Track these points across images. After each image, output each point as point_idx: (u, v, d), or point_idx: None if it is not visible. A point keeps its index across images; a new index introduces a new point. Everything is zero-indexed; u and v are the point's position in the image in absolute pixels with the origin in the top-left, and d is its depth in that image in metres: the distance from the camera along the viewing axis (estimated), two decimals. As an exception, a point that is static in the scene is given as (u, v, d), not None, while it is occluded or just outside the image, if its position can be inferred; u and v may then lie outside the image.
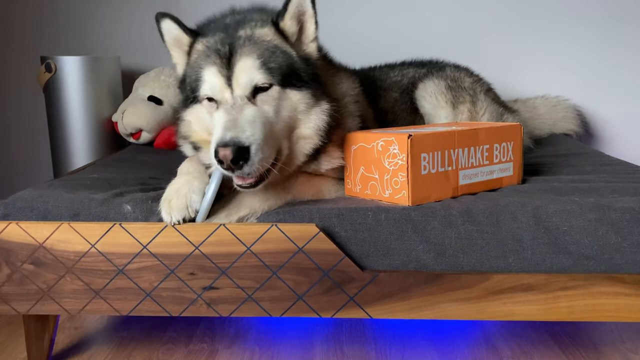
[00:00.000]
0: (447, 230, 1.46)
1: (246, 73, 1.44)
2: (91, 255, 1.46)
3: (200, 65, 1.50)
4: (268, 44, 1.49)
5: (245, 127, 1.37)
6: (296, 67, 1.51)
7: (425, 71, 2.31)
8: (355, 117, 1.69)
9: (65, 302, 1.49)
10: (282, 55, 1.49)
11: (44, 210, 1.52)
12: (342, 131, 1.63)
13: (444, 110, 2.14)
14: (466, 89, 2.22)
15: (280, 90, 1.47)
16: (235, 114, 1.41)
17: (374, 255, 1.47)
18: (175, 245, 1.45)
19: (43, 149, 2.94)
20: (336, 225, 1.47)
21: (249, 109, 1.42)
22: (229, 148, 1.33)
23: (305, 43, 1.56)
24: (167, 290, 1.47)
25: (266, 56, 1.47)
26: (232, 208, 1.49)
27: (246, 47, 1.47)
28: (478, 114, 2.18)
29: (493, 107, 2.25)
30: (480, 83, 2.36)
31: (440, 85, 2.19)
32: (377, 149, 1.55)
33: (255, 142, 1.37)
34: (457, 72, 2.33)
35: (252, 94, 1.45)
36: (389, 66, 2.41)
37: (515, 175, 1.76)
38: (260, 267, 1.45)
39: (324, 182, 1.65)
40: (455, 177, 1.59)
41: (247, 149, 1.35)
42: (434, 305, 1.46)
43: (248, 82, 1.44)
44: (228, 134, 1.35)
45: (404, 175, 1.49)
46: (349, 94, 1.70)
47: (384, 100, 2.18)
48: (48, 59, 2.63)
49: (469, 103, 2.18)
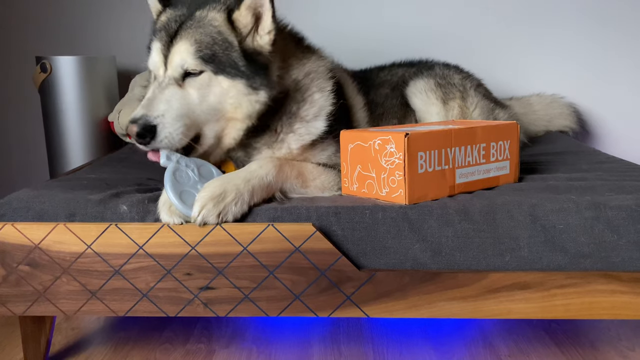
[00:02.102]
0: (444, 228, 1.46)
1: (179, 56, 1.51)
2: (87, 256, 1.45)
3: (152, 37, 1.59)
4: (212, 30, 1.53)
5: (157, 107, 1.47)
6: (234, 57, 1.53)
7: (415, 70, 2.34)
8: (324, 92, 1.69)
9: (61, 303, 1.48)
10: (222, 43, 1.53)
11: (40, 211, 1.51)
12: (306, 108, 1.65)
13: (434, 106, 2.17)
14: (456, 85, 2.25)
15: (212, 77, 1.52)
16: (158, 93, 1.50)
17: (371, 254, 1.47)
18: (172, 245, 1.44)
19: (39, 150, 2.93)
20: (333, 224, 1.47)
21: (170, 90, 1.50)
22: (136, 124, 1.44)
23: (260, 35, 1.58)
24: (163, 290, 1.47)
25: (205, 42, 1.51)
26: (217, 196, 1.44)
27: (188, 30, 1.53)
28: (469, 110, 2.20)
29: (484, 103, 2.27)
30: (470, 79, 2.37)
31: (430, 83, 2.22)
32: (374, 147, 1.55)
33: (164, 121, 1.46)
34: (446, 69, 2.35)
35: (182, 77, 1.52)
36: (379, 68, 2.46)
37: (512, 174, 1.76)
38: (257, 267, 1.45)
39: (304, 165, 1.65)
40: (452, 175, 1.59)
41: (154, 127, 1.45)
42: (431, 304, 1.46)
43: (178, 66, 1.51)
44: (141, 112, 1.46)
45: (400, 174, 1.49)
46: (313, 72, 1.71)
47: (375, 94, 2.21)
48: (43, 59, 2.61)
49: (459, 99, 2.20)
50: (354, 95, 2.02)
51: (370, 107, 2.08)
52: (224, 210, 1.44)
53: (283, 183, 1.58)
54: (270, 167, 1.56)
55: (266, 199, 1.54)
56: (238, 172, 1.55)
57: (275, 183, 1.55)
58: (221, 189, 1.46)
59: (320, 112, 1.67)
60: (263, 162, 1.57)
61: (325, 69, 1.75)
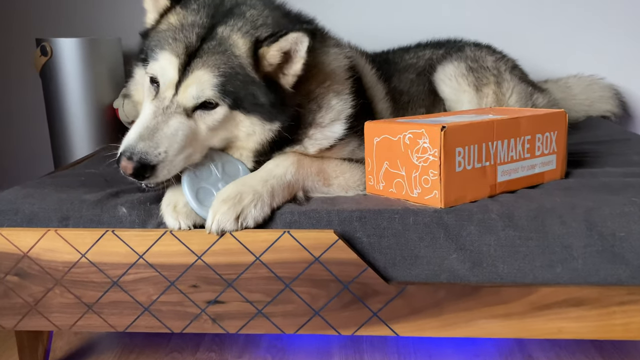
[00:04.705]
0: (485, 236, 1.28)
1: (199, 87, 1.30)
2: (81, 265, 1.30)
3: (163, 44, 1.34)
4: (234, 61, 1.32)
5: (160, 142, 1.26)
6: (254, 92, 1.34)
7: (443, 52, 2.12)
8: (342, 96, 1.50)
9: (54, 317, 1.33)
10: (244, 77, 1.32)
11: (30, 213, 1.36)
12: (322, 115, 1.46)
13: (466, 94, 1.96)
14: (489, 68, 2.03)
15: (227, 111, 1.34)
16: (161, 120, 1.28)
17: (401, 265, 1.29)
18: (175, 254, 1.28)
19: (43, 138, 2.78)
20: (357, 230, 1.29)
21: (176, 121, 1.30)
22: (131, 163, 1.24)
23: (285, 74, 1.38)
24: (167, 304, 1.31)
25: (227, 74, 1.31)
26: (232, 198, 1.28)
27: (211, 56, 1.31)
28: (505, 96, 1.99)
29: (521, 87, 2.05)
30: (505, 61, 2.15)
31: (461, 67, 2.00)
32: (404, 141, 1.35)
33: (165, 160, 1.26)
34: (477, 51, 2.13)
35: (194, 108, 1.32)
36: (403, 49, 2.23)
37: (559, 169, 1.56)
38: (272, 278, 1.28)
39: (325, 160, 1.48)
40: (493, 173, 1.40)
41: (153, 166, 1.25)
42: (469, 322, 1.28)
43: (195, 97, 1.30)
44: (140, 145, 1.25)
45: (435, 172, 1.30)
46: (329, 79, 1.50)
47: (399, 80, 2.00)
48: (43, 41, 2.45)
49: (493, 84, 1.99)
50: (373, 85, 1.82)
51: (393, 95, 1.87)
52: (243, 213, 1.27)
53: (304, 181, 1.41)
54: (288, 164, 1.38)
55: (288, 199, 1.37)
56: (253, 173, 1.38)
57: (295, 182, 1.38)
58: (236, 191, 1.29)
59: (339, 116, 1.48)
60: (280, 160, 1.39)
61: (342, 69, 1.54)
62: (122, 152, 1.26)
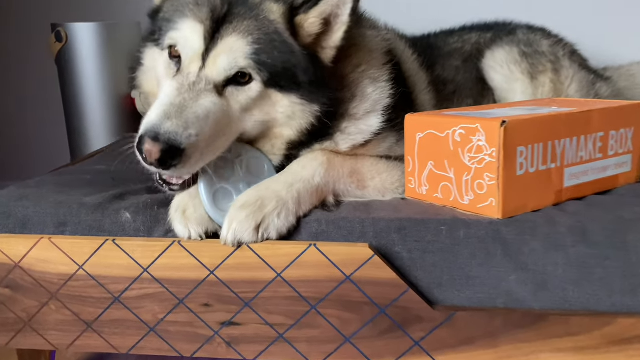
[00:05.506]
0: (552, 253, 1.06)
1: (230, 56, 1.10)
2: (79, 278, 1.14)
3: (184, 10, 1.14)
4: (269, 27, 1.13)
5: (191, 123, 1.05)
6: (294, 69, 1.14)
7: (491, 36, 1.87)
8: (379, 83, 1.30)
9: (50, 336, 1.18)
10: (282, 47, 1.13)
11: (23, 218, 1.20)
12: (355, 105, 1.26)
13: (519, 83, 1.72)
14: (545, 54, 1.78)
15: (262, 89, 1.14)
16: (189, 98, 1.07)
17: (449, 287, 1.09)
18: (185, 268, 1.11)
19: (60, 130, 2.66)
20: (397, 243, 1.09)
21: (208, 100, 1.09)
22: (158, 144, 1.02)
23: (323, 47, 1.19)
24: (175, 324, 1.14)
25: (263, 42, 1.12)
26: (253, 205, 1.10)
27: (242, 21, 1.12)
28: (563, 85, 1.75)
29: (582, 75, 1.80)
30: (562, 45, 1.90)
31: (513, 52, 1.76)
32: (453, 138, 1.14)
33: (196, 144, 1.05)
34: (531, 34, 1.87)
35: (225, 82, 1.12)
36: (445, 32, 1.99)
37: (634, 171, 1.33)
38: (295, 299, 1.09)
39: (359, 159, 1.28)
40: (559, 177, 1.18)
41: (182, 151, 1.03)
42: (530, 355, 1.07)
43: (226, 68, 1.11)
44: (166, 124, 1.03)
45: (492, 176, 1.08)
46: (364, 62, 1.30)
47: (442, 68, 1.77)
48: (59, 26, 2.31)
49: (550, 72, 1.75)
50: (415, 72, 1.60)
51: (437, 84, 1.65)
52: (264, 222, 1.09)
53: (335, 184, 1.21)
54: (317, 165, 1.19)
55: (317, 206, 1.18)
56: (276, 176, 1.19)
57: (325, 185, 1.19)
58: (256, 197, 1.11)
59: (375, 107, 1.27)
60: (307, 160, 1.20)
61: (379, 52, 1.34)
62: (145, 132, 1.03)
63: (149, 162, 1.04)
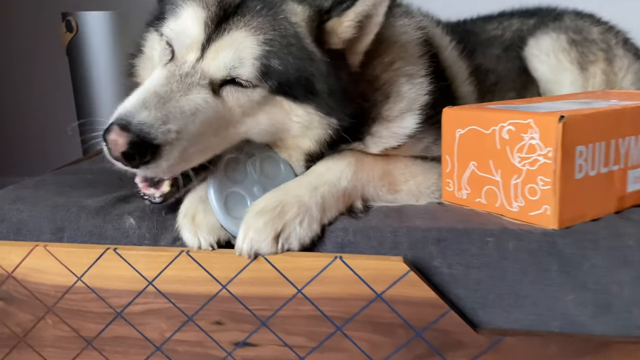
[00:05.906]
0: (617, 270, 0.92)
1: (234, 53, 0.96)
2: (77, 290, 1.02)
3: None
4: (288, 29, 0.99)
5: (172, 117, 0.91)
6: (311, 77, 1.00)
7: (535, 22, 1.71)
8: (415, 80, 1.15)
9: (47, 352, 1.07)
10: (299, 54, 0.99)
11: (18, 222, 1.09)
12: (389, 107, 1.12)
13: (568, 73, 1.57)
14: (596, 42, 1.62)
15: (267, 95, 1.00)
16: (177, 89, 0.94)
17: (495, 307, 0.94)
18: (194, 281, 0.98)
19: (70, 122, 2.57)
20: (435, 256, 0.95)
21: (199, 96, 0.96)
22: (126, 135, 0.88)
23: (352, 52, 1.05)
24: (184, 343, 1.02)
25: (277, 47, 0.98)
26: (272, 211, 0.97)
27: (255, 16, 0.98)
28: (617, 76, 1.59)
29: (638, 66, 1.64)
30: (614, 33, 1.73)
31: (561, 40, 1.60)
32: (500, 135, 1.00)
33: (174, 142, 0.91)
34: (579, 20, 1.71)
35: (222, 82, 0.99)
36: (482, 18, 1.82)
37: None
38: (318, 318, 0.96)
39: (392, 160, 1.14)
40: (622, 180, 1.02)
41: (156, 147, 0.89)
42: (591, 387, 0.93)
43: (227, 65, 0.97)
44: (141, 114, 0.90)
45: (547, 180, 0.93)
46: (399, 58, 1.15)
47: (483, 57, 1.61)
48: (69, 15, 2.21)
49: (602, 62, 1.59)
50: (454, 63, 1.44)
51: (478, 75, 1.49)
52: (285, 231, 0.96)
53: (364, 187, 1.08)
54: (344, 166, 1.05)
55: (343, 212, 1.04)
56: (298, 178, 1.06)
57: (353, 189, 1.05)
58: (276, 201, 0.98)
59: (411, 106, 1.12)
60: (332, 161, 1.06)
61: (414, 44, 1.19)
62: (115, 120, 0.90)
63: (114, 155, 0.90)
